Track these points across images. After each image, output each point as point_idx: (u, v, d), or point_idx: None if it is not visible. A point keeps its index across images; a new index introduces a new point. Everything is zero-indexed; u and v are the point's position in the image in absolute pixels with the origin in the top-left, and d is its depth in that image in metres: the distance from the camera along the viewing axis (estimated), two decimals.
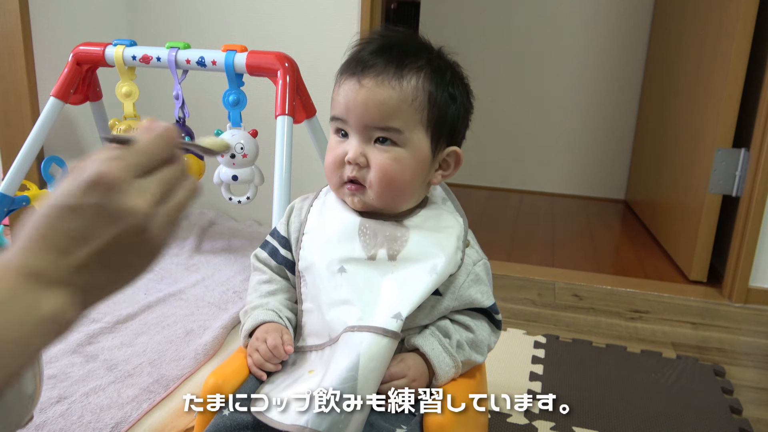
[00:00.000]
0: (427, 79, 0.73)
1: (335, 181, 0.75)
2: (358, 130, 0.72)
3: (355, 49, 0.75)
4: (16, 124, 1.70)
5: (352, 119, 0.72)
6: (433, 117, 0.73)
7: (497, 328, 0.81)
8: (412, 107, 0.72)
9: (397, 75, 0.71)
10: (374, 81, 0.71)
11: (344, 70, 0.74)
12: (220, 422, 0.68)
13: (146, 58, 1.56)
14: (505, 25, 2.92)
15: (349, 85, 0.72)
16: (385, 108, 0.71)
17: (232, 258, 1.76)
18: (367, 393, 0.65)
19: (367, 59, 0.72)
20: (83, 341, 1.23)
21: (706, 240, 1.81)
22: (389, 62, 0.71)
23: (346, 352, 0.66)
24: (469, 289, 0.76)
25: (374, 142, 0.72)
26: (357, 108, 0.71)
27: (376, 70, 0.71)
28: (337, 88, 0.75)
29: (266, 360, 0.73)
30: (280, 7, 1.94)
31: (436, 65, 0.74)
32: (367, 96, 0.71)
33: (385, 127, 0.71)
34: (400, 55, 0.72)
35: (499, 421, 1.08)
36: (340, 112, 0.73)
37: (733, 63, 1.67)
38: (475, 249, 0.79)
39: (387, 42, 0.74)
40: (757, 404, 1.20)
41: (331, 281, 0.72)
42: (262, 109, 1.80)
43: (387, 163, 0.71)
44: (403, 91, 0.71)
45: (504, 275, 1.82)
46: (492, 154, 3.06)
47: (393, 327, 0.67)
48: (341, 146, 0.74)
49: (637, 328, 1.51)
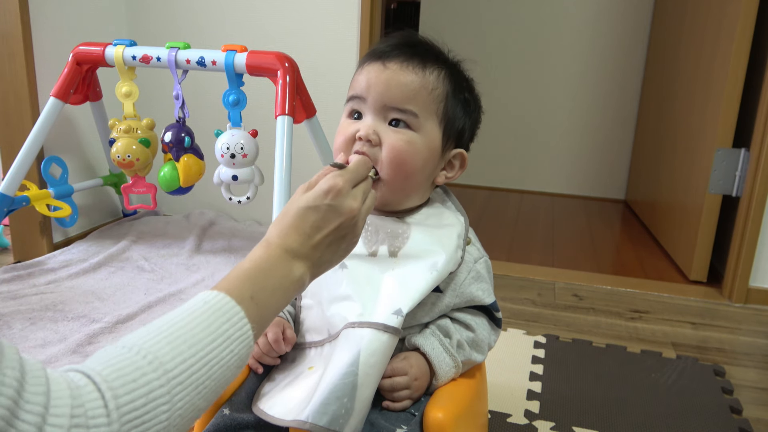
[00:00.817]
0: (447, 78, 0.75)
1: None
2: (375, 109, 0.73)
3: (379, 44, 0.77)
4: (16, 124, 1.70)
5: (371, 96, 0.72)
6: (448, 113, 0.75)
7: (497, 327, 0.81)
8: (431, 96, 0.73)
9: (421, 65, 0.73)
10: (399, 65, 0.72)
11: (368, 57, 0.76)
12: (220, 421, 0.68)
13: (146, 58, 1.56)
14: (505, 25, 2.93)
15: (373, 66, 0.73)
16: (406, 90, 0.72)
17: (232, 258, 1.76)
18: (367, 389, 0.65)
19: (390, 51, 0.74)
20: (83, 341, 1.23)
21: (706, 240, 1.81)
22: (414, 54, 0.74)
23: (347, 347, 0.66)
24: (470, 286, 0.76)
25: (389, 124, 0.73)
26: (379, 86, 0.72)
27: (400, 57, 0.73)
28: (358, 72, 0.76)
29: (265, 353, 0.73)
30: (280, 7, 1.94)
31: (454, 70, 0.77)
32: (391, 76, 0.72)
33: (403, 108, 0.72)
34: (424, 52, 0.75)
35: (499, 421, 1.08)
36: (360, 90, 0.74)
37: (733, 63, 1.67)
38: (476, 247, 0.79)
39: (411, 40, 0.76)
40: (757, 404, 1.20)
41: (332, 277, 0.73)
42: (262, 109, 1.80)
43: (400, 143, 0.72)
44: (426, 79, 0.73)
45: (504, 275, 1.82)
46: (492, 154, 3.06)
47: (393, 323, 0.67)
48: (353, 125, 0.74)
49: (637, 328, 1.51)
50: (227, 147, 1.48)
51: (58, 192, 1.73)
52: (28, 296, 1.46)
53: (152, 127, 1.68)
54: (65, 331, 1.29)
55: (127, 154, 1.62)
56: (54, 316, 1.36)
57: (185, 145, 1.59)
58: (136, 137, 1.63)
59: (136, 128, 1.64)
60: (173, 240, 1.90)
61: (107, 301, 1.46)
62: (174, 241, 1.89)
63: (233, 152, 1.48)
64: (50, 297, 1.46)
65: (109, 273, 1.64)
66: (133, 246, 1.83)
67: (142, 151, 1.64)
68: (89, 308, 1.41)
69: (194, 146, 1.63)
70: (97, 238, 1.89)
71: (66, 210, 1.70)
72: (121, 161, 1.63)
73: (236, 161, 1.49)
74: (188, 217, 2.12)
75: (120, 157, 1.63)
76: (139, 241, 1.87)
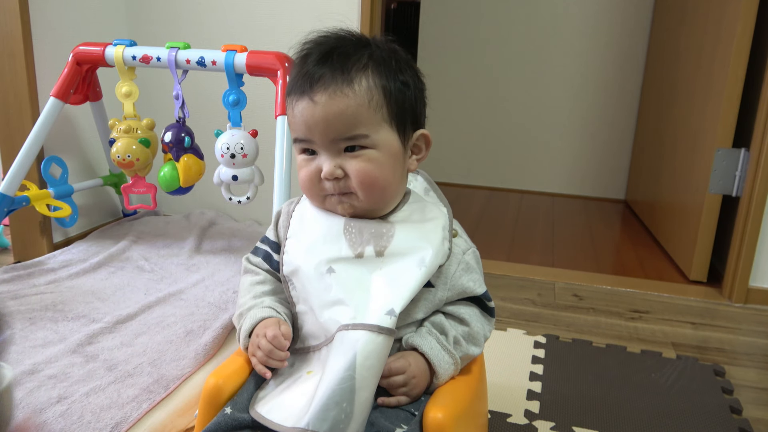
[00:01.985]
0: (376, 74, 0.71)
1: (316, 196, 0.75)
2: (325, 145, 0.71)
3: (297, 65, 0.73)
4: (16, 124, 1.70)
5: (316, 137, 0.71)
6: (393, 110, 0.73)
7: (491, 316, 0.81)
8: (370, 108, 0.71)
9: (346, 81, 0.70)
10: (326, 94, 0.69)
11: (293, 89, 0.73)
12: (221, 420, 0.68)
13: (146, 58, 1.56)
14: (505, 25, 2.93)
15: (302, 104, 0.71)
16: (345, 118, 0.69)
17: (232, 258, 1.76)
18: (365, 391, 0.65)
19: (312, 72, 0.70)
20: (83, 341, 1.23)
21: (706, 240, 1.81)
22: (334, 70, 0.70)
23: (342, 351, 0.66)
24: (461, 278, 0.76)
25: (344, 151, 0.72)
26: (318, 126, 0.70)
27: (324, 82, 0.70)
28: (290, 110, 0.73)
29: (267, 353, 0.72)
30: (280, 7, 1.94)
31: (378, 57, 0.73)
32: (325, 111, 0.69)
33: (351, 136, 0.71)
34: (342, 59, 0.71)
35: (499, 421, 1.08)
36: (302, 133, 0.72)
37: (733, 63, 1.67)
38: (463, 238, 0.79)
39: (324, 49, 0.72)
40: (757, 404, 1.20)
41: (321, 282, 0.72)
42: (262, 109, 1.80)
43: (363, 166, 0.71)
44: (358, 96, 0.70)
45: (504, 275, 1.82)
46: (492, 154, 3.06)
47: (387, 324, 0.67)
48: (312, 163, 0.73)
49: (637, 328, 1.51)
50: (227, 147, 1.48)
51: (58, 192, 1.73)
52: (28, 296, 1.46)
53: (152, 127, 1.68)
54: (65, 331, 1.29)
55: (127, 154, 1.62)
56: (54, 316, 1.36)
57: (185, 145, 1.59)
58: (136, 137, 1.63)
59: (136, 128, 1.64)
60: (173, 240, 1.89)
61: (107, 301, 1.46)
62: (174, 241, 1.89)
63: (233, 152, 1.48)
64: (50, 297, 1.46)
65: (109, 273, 1.64)
66: (133, 246, 1.83)
67: (142, 151, 1.64)
68: (89, 308, 1.41)
69: (194, 146, 1.63)
70: (97, 238, 1.89)
71: (66, 210, 1.70)
72: (121, 161, 1.63)
73: (236, 161, 1.49)
74: (188, 217, 2.12)
75: (120, 157, 1.63)
76: (139, 241, 1.87)
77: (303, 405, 0.66)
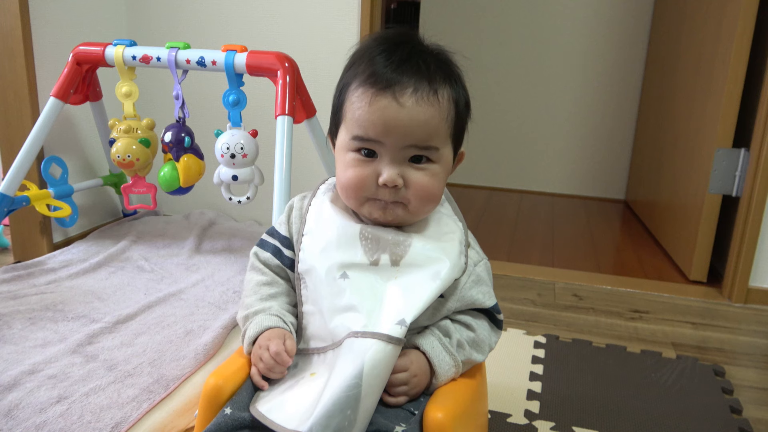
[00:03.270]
0: (451, 87, 0.71)
1: (359, 198, 0.72)
2: (394, 150, 0.69)
3: (370, 60, 0.70)
4: (16, 124, 1.70)
5: (391, 141, 0.68)
6: (457, 126, 0.73)
7: (498, 328, 0.81)
8: (447, 123, 0.70)
9: (432, 90, 0.68)
10: (414, 99, 0.67)
11: (369, 83, 0.68)
12: (221, 422, 0.68)
13: (146, 58, 1.56)
14: (505, 25, 2.93)
15: (383, 102, 0.67)
16: (427, 127, 0.68)
17: (232, 258, 1.76)
18: (370, 399, 0.64)
19: (397, 71, 0.68)
20: (83, 341, 1.23)
21: (706, 240, 1.81)
22: (420, 75, 0.68)
23: (350, 359, 0.66)
24: (470, 290, 0.76)
25: (409, 160, 0.70)
26: (398, 129, 0.67)
27: (411, 85, 0.67)
28: (363, 104, 0.68)
29: (269, 369, 0.71)
30: (280, 7, 1.94)
31: (456, 76, 0.72)
32: (410, 116, 0.67)
33: (426, 146, 0.69)
34: (426, 65, 0.69)
35: (499, 421, 1.08)
36: (374, 132, 0.68)
37: (733, 63, 1.67)
38: (475, 250, 0.79)
39: (406, 50, 0.70)
40: (757, 404, 1.20)
41: (333, 287, 0.71)
42: (262, 109, 1.81)
43: (426, 180, 0.70)
44: (442, 108, 0.69)
45: (504, 275, 1.82)
46: (492, 154, 3.06)
47: (397, 333, 0.67)
48: (369, 166, 0.70)
49: (637, 328, 1.51)
50: (227, 147, 1.48)
51: (58, 192, 1.73)
52: (28, 296, 1.46)
53: (152, 127, 1.68)
54: (65, 331, 1.29)
55: (127, 154, 1.62)
56: (54, 316, 1.36)
57: (185, 145, 1.59)
58: (136, 137, 1.63)
59: (136, 128, 1.64)
60: (173, 240, 1.89)
61: (107, 301, 1.46)
62: (174, 241, 1.89)
63: (233, 152, 1.48)
64: (50, 297, 1.46)
65: (109, 273, 1.64)
66: (133, 246, 1.83)
67: (142, 151, 1.64)
68: (89, 308, 1.41)
69: (194, 146, 1.63)
70: (97, 238, 1.89)
71: (66, 210, 1.70)
72: (121, 161, 1.63)
73: (236, 161, 1.49)
74: (188, 217, 2.12)
75: (120, 157, 1.63)
76: (139, 241, 1.87)
77: (306, 408, 0.66)
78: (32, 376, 1.09)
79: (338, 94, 0.74)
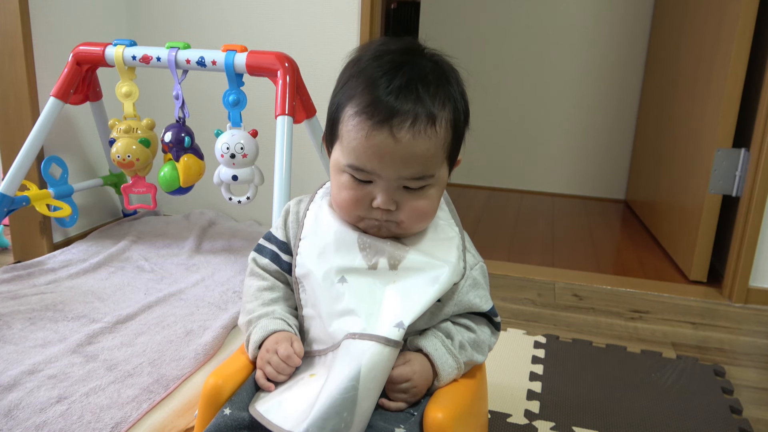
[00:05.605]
0: (451, 109, 0.69)
1: (354, 216, 0.73)
2: (389, 180, 0.69)
3: (368, 84, 0.67)
4: (16, 124, 1.70)
5: (386, 173, 0.68)
6: (454, 143, 0.72)
7: (496, 330, 0.81)
8: (443, 149, 0.70)
9: (430, 121, 0.67)
10: (411, 133, 0.66)
11: (367, 114, 0.66)
12: (220, 422, 0.68)
13: (146, 58, 1.56)
14: (505, 25, 2.93)
15: (381, 138, 0.66)
16: (424, 160, 0.68)
17: (232, 258, 1.76)
18: (367, 401, 0.64)
19: (394, 101, 0.65)
20: (83, 341, 1.23)
21: (706, 240, 1.81)
22: (418, 105, 0.66)
23: (347, 361, 0.66)
24: (467, 294, 0.76)
25: (402, 186, 0.70)
26: (394, 164, 0.67)
27: (408, 118, 0.65)
28: (359, 136, 0.67)
29: (279, 372, 0.71)
30: (280, 7, 1.94)
31: (457, 93, 0.71)
32: (405, 151, 0.66)
33: (421, 176, 0.69)
34: (425, 91, 0.67)
35: (499, 421, 1.08)
36: (370, 165, 0.67)
37: (733, 63, 1.67)
38: (471, 253, 0.78)
39: (405, 76, 0.67)
40: (757, 404, 1.20)
41: (331, 291, 0.71)
42: (262, 109, 1.81)
43: (419, 203, 0.71)
44: (439, 138, 0.68)
45: (504, 275, 1.82)
46: (492, 154, 3.06)
47: (395, 336, 0.67)
48: (363, 189, 0.70)
49: (637, 328, 1.51)
50: (227, 147, 1.48)
51: (58, 192, 1.73)
52: (28, 296, 1.46)
53: (152, 127, 1.68)
54: (65, 331, 1.29)
55: (127, 154, 1.62)
56: (54, 316, 1.36)
57: (185, 145, 1.59)
58: (136, 137, 1.63)
59: (136, 128, 1.64)
60: (173, 240, 1.89)
61: (107, 301, 1.46)
62: (174, 241, 1.89)
63: (233, 152, 1.48)
64: (50, 297, 1.46)
65: (109, 273, 1.64)
66: (133, 246, 1.83)
67: (142, 151, 1.64)
68: (89, 308, 1.41)
69: (194, 146, 1.63)
70: (97, 238, 1.89)
71: (66, 210, 1.70)
72: (121, 161, 1.63)
73: (236, 161, 1.49)
74: (188, 217, 2.12)
75: (120, 157, 1.63)
76: (139, 241, 1.87)
77: (303, 409, 0.66)
78: (32, 376, 1.09)
79: (334, 109, 0.73)
